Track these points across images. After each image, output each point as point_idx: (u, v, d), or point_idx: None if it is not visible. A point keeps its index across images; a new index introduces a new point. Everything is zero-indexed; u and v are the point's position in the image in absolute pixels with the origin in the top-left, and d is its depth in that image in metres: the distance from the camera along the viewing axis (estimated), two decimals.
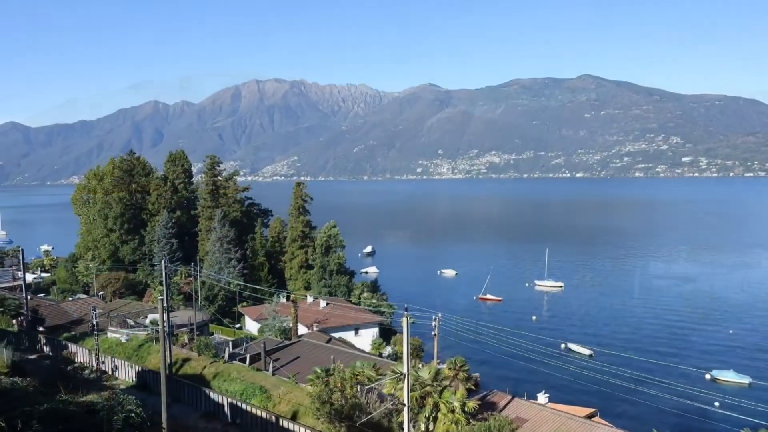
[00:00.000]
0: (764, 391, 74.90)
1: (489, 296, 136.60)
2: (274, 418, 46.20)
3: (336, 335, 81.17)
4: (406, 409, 35.27)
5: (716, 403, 63.88)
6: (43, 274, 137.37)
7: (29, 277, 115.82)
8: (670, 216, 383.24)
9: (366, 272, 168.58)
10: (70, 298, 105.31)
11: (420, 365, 44.74)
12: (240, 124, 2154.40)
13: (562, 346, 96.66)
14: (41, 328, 78.86)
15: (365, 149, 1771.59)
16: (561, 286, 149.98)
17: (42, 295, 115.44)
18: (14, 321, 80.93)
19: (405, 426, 35.51)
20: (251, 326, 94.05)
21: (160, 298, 46.60)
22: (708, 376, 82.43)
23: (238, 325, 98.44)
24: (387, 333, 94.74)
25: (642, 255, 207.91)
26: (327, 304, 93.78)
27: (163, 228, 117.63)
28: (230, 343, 66.92)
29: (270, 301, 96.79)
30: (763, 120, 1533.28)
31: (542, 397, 63.04)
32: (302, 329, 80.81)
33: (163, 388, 41.82)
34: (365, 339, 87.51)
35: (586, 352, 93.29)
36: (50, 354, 70.97)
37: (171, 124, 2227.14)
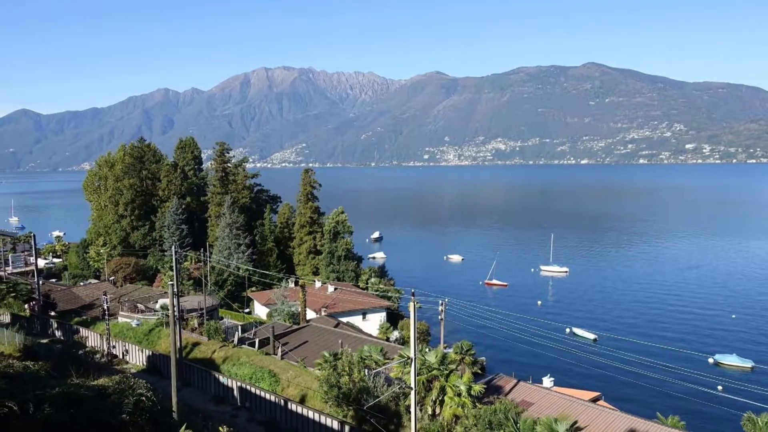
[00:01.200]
0: (767, 375, 75.22)
1: (495, 281, 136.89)
2: (282, 401, 46.71)
3: (344, 320, 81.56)
4: (413, 392, 35.67)
5: (719, 387, 64.28)
6: (55, 260, 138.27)
7: (41, 263, 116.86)
8: (673, 202, 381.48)
9: (373, 258, 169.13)
10: (82, 283, 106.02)
11: (427, 349, 45.05)
12: (249, 112, 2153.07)
13: (567, 330, 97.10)
14: (53, 313, 79.52)
15: (373, 136, 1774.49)
16: (566, 272, 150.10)
17: (54, 280, 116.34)
18: (26, 306, 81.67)
19: (412, 409, 35.96)
20: (260, 311, 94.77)
21: (171, 283, 47.01)
22: (711, 361, 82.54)
23: (247, 310, 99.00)
24: (394, 317, 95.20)
25: (646, 241, 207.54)
26: (335, 289, 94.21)
27: (173, 214, 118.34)
28: (239, 327, 67.44)
29: (279, 286, 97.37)
30: (765, 107, 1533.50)
31: (547, 381, 63.57)
32: (310, 314, 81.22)
33: (173, 371, 42.37)
34: (373, 323, 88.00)
35: (591, 336, 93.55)
36: (62, 338, 71.80)
37: (181, 111, 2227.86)
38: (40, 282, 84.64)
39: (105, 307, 63.37)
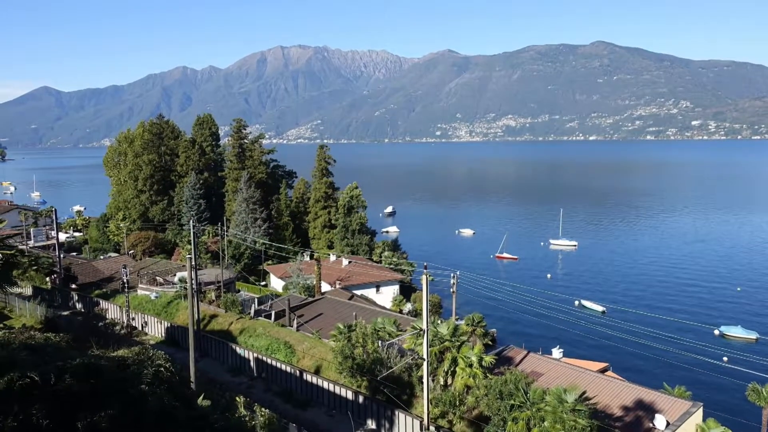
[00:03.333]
0: None
1: (505, 255, 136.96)
2: (298, 372, 47.53)
3: (358, 292, 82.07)
4: (425, 363, 36.27)
5: (724, 358, 64.56)
6: (76, 234, 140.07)
7: (62, 237, 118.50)
8: (680, 177, 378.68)
9: (387, 232, 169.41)
10: (102, 257, 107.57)
11: (439, 321, 45.68)
12: (265, 89, 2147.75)
13: (576, 303, 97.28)
14: (74, 286, 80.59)
15: (386, 113, 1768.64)
16: (575, 245, 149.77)
17: (74, 253, 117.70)
18: (48, 279, 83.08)
19: (424, 380, 36.70)
20: (276, 284, 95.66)
21: (189, 256, 47.89)
22: (716, 332, 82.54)
23: (263, 283, 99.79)
24: (407, 290, 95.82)
25: (653, 215, 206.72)
26: (349, 262, 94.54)
27: (191, 189, 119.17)
28: (256, 299, 68.40)
29: (294, 259, 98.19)
30: None
31: (556, 352, 64.13)
32: (325, 287, 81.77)
33: (191, 343, 43.29)
34: (386, 296, 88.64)
35: (599, 308, 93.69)
36: (82, 310, 72.86)
37: (199, 88, 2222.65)
38: (62, 255, 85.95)
39: (125, 280, 64.10)
